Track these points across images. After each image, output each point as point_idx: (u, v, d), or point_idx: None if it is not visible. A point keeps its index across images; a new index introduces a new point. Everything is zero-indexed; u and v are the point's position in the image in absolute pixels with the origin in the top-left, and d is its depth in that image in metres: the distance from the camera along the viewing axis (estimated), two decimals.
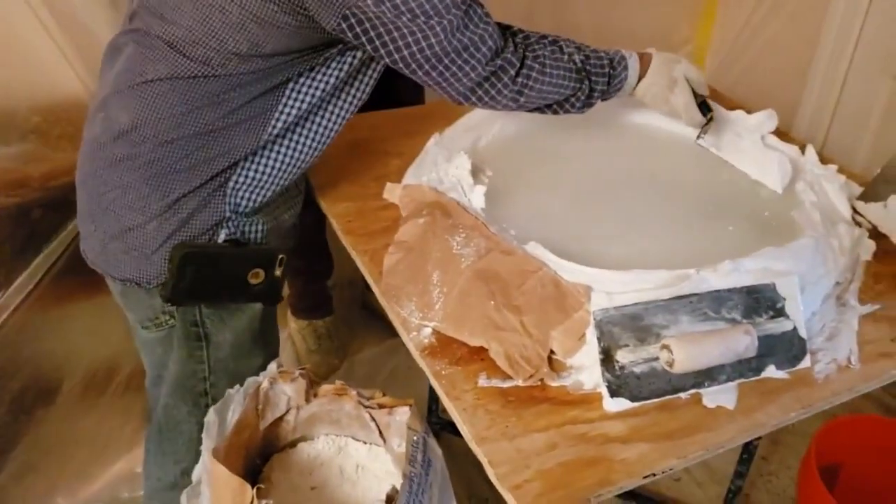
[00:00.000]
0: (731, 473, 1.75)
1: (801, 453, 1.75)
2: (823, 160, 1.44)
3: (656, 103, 1.31)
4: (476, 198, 1.21)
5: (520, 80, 1.12)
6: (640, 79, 1.27)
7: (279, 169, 1.15)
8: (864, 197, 1.36)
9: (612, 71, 1.23)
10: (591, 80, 1.20)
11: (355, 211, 1.29)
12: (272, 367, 1.10)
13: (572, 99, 1.21)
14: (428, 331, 1.07)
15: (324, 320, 2.11)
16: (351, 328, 2.20)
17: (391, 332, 2.23)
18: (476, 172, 1.28)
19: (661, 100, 1.30)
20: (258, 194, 1.14)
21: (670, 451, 0.93)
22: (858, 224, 1.32)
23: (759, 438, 1.67)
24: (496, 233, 1.13)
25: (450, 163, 1.30)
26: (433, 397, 1.75)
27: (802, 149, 1.43)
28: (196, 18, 1.01)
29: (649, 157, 1.47)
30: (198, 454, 1.04)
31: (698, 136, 1.40)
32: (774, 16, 2.22)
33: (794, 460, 1.92)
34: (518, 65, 1.12)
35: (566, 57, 1.18)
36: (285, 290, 2.08)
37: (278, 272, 1.17)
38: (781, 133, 1.50)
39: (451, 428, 1.14)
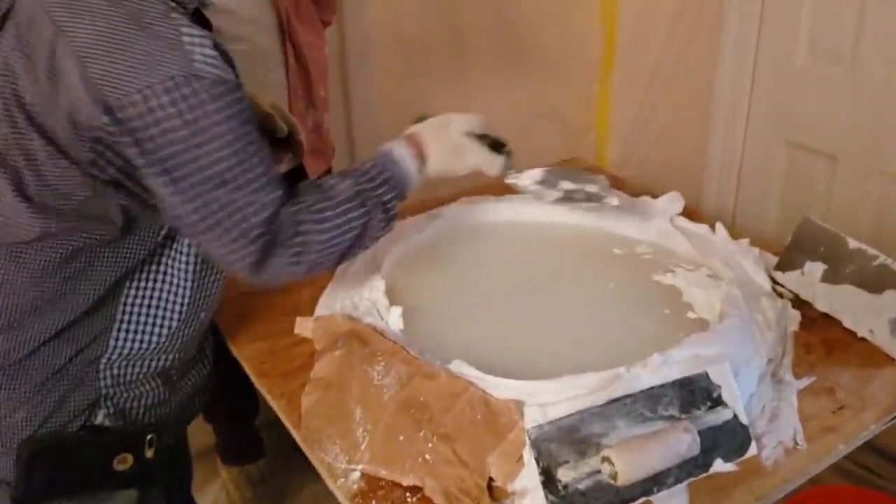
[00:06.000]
0: None
1: None
2: (735, 234, 1.43)
3: (454, 170, 1.19)
4: (393, 319, 1.16)
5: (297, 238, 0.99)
6: (423, 159, 1.13)
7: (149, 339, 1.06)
8: (780, 266, 1.36)
9: (387, 174, 1.08)
10: (376, 195, 1.06)
11: (267, 351, 1.22)
12: None
13: (371, 223, 1.06)
14: (356, 474, 1.00)
15: (256, 464, 1.99)
16: (286, 469, 2.08)
17: None
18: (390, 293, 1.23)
19: (459, 167, 1.18)
20: (139, 364, 1.06)
21: None
22: (780, 295, 1.32)
23: None
24: (417, 355, 1.08)
25: (363, 287, 1.26)
26: None
27: (712, 227, 1.43)
28: None
29: (548, 256, 1.44)
30: None
31: (506, 176, 1.28)
32: (665, 93, 2.29)
33: None
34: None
35: (341, 190, 1.04)
36: (212, 438, 1.98)
37: (149, 454, 1.04)
38: (690, 211, 1.50)
39: None
